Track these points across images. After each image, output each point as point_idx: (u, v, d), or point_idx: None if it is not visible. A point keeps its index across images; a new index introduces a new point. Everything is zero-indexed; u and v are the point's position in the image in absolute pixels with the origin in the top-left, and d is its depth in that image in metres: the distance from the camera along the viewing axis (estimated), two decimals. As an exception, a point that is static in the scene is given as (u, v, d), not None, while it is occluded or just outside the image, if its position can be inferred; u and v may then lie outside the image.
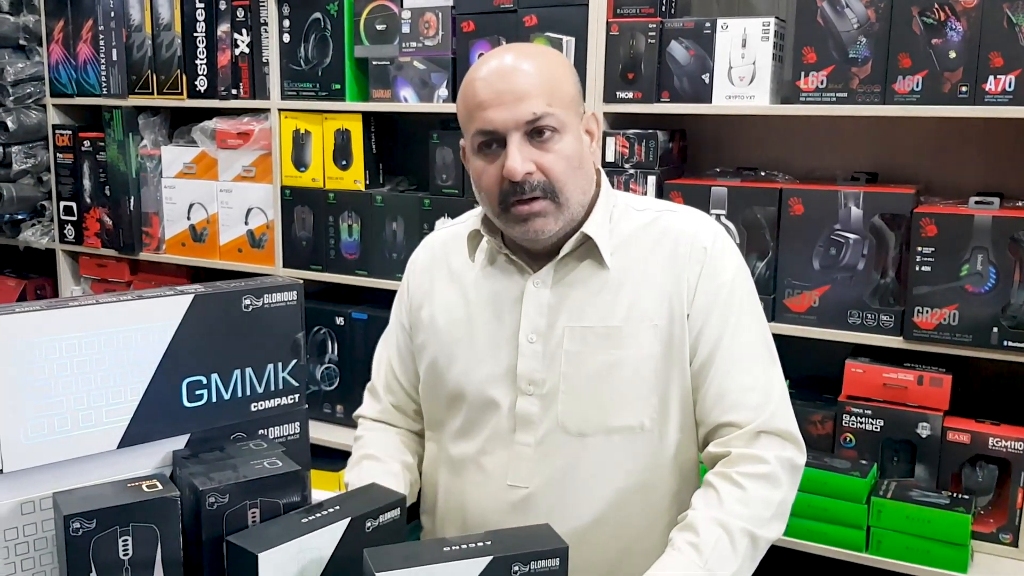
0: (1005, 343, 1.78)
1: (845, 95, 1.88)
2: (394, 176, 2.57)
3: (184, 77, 2.68)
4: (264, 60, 2.54)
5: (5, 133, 2.91)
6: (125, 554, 0.95)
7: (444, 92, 2.30)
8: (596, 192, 1.34)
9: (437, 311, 1.41)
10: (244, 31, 2.57)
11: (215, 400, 1.08)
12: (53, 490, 0.98)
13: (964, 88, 1.78)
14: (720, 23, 1.98)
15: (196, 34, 2.64)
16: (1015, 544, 1.83)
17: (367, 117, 2.44)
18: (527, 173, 1.23)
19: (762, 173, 2.11)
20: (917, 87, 1.82)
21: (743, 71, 1.97)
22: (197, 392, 1.07)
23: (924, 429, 1.87)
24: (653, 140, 2.07)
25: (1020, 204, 1.87)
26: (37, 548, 0.99)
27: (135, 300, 1.02)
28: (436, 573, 0.94)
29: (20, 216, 3.08)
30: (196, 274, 2.88)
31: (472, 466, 1.37)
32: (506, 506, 1.33)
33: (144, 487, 0.99)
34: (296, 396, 1.15)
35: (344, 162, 2.47)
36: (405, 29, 2.33)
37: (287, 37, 2.49)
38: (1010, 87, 1.74)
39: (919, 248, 1.82)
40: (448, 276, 1.42)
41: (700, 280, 1.29)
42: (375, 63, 2.38)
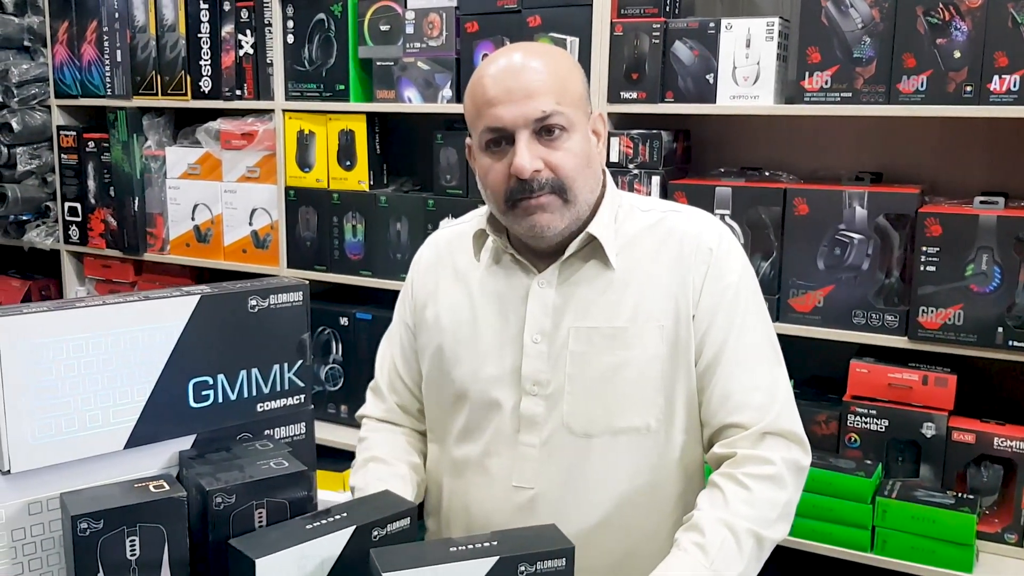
0: (1010, 343, 1.78)
1: (849, 95, 1.88)
2: (398, 177, 2.57)
3: (188, 78, 2.68)
4: (268, 61, 2.54)
5: (10, 134, 2.92)
6: (132, 554, 0.96)
7: (448, 93, 2.30)
8: (601, 193, 1.34)
9: (441, 310, 1.41)
10: (248, 32, 2.57)
11: (221, 400, 1.08)
12: (60, 490, 0.98)
13: (969, 88, 1.78)
14: (724, 23, 1.98)
15: (200, 35, 2.64)
16: (1020, 544, 1.83)
17: (371, 118, 2.44)
18: (535, 171, 1.23)
19: (766, 173, 2.11)
20: (921, 87, 1.82)
21: (747, 71, 1.97)
22: (203, 392, 1.07)
23: (929, 429, 1.87)
24: (657, 140, 2.07)
25: (1025, 204, 1.88)
26: (44, 548, 0.99)
27: (142, 301, 1.03)
28: (443, 573, 0.94)
29: (25, 217, 3.09)
30: (200, 275, 2.88)
31: (476, 468, 1.37)
32: (511, 507, 1.33)
33: (151, 487, 0.99)
34: (302, 396, 1.16)
35: (348, 163, 2.48)
36: (409, 30, 2.33)
37: (291, 38, 2.49)
38: (1015, 87, 1.74)
39: (924, 248, 1.82)
40: (453, 275, 1.42)
41: (705, 281, 1.29)
42: (379, 64, 2.39)
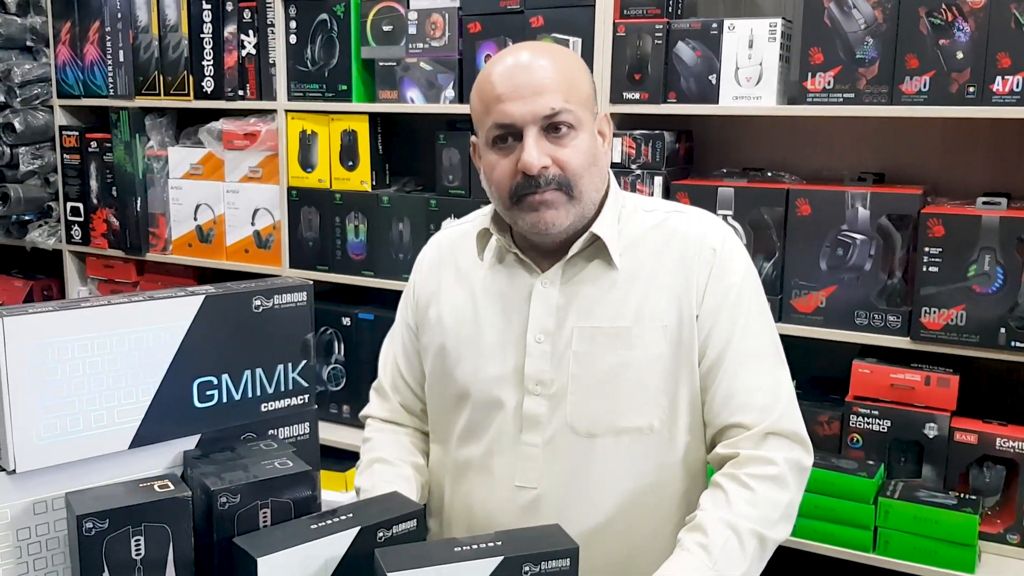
0: (1012, 343, 1.78)
1: (852, 96, 1.88)
2: (400, 177, 2.57)
3: (191, 78, 2.68)
4: (271, 61, 2.55)
5: (12, 134, 2.92)
6: (137, 554, 0.96)
7: (451, 93, 2.30)
8: (605, 193, 1.34)
9: (444, 310, 1.41)
10: (251, 32, 2.57)
11: (226, 400, 1.09)
12: (65, 490, 0.98)
13: (971, 88, 1.78)
14: (727, 24, 1.98)
15: (203, 35, 2.64)
16: (1023, 545, 1.83)
17: (374, 118, 2.44)
18: (543, 167, 1.23)
19: (769, 174, 2.11)
20: (924, 87, 1.82)
21: (750, 72, 1.97)
22: (208, 392, 1.07)
23: (931, 429, 1.87)
24: (660, 141, 2.07)
25: (1027, 204, 1.88)
26: (49, 548, 0.99)
27: (146, 301, 1.03)
28: (447, 573, 0.94)
29: (27, 217, 3.09)
30: (203, 275, 2.88)
31: (479, 468, 1.37)
32: (514, 508, 1.33)
33: (156, 487, 0.99)
34: (306, 396, 1.16)
35: (351, 163, 2.48)
36: (412, 30, 2.33)
37: (294, 38, 2.49)
38: (1017, 87, 1.74)
39: (926, 248, 1.82)
40: (456, 275, 1.42)
41: (709, 282, 1.29)
42: (382, 64, 2.39)
